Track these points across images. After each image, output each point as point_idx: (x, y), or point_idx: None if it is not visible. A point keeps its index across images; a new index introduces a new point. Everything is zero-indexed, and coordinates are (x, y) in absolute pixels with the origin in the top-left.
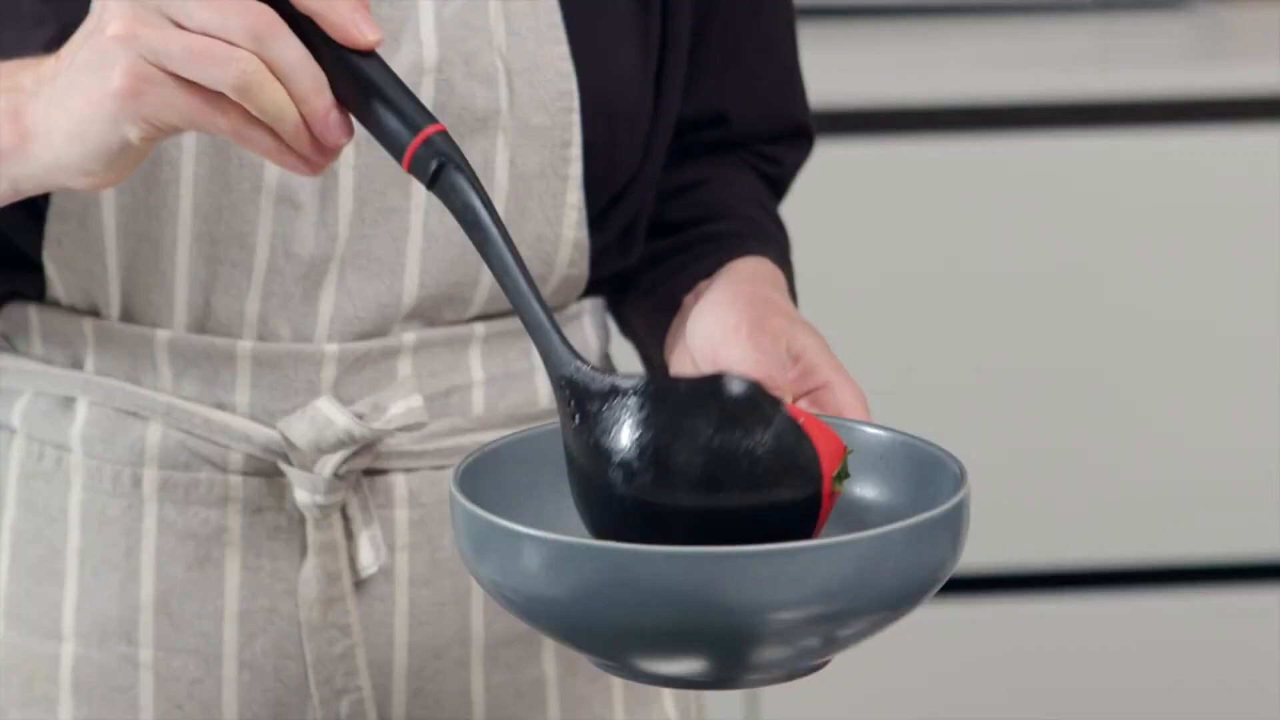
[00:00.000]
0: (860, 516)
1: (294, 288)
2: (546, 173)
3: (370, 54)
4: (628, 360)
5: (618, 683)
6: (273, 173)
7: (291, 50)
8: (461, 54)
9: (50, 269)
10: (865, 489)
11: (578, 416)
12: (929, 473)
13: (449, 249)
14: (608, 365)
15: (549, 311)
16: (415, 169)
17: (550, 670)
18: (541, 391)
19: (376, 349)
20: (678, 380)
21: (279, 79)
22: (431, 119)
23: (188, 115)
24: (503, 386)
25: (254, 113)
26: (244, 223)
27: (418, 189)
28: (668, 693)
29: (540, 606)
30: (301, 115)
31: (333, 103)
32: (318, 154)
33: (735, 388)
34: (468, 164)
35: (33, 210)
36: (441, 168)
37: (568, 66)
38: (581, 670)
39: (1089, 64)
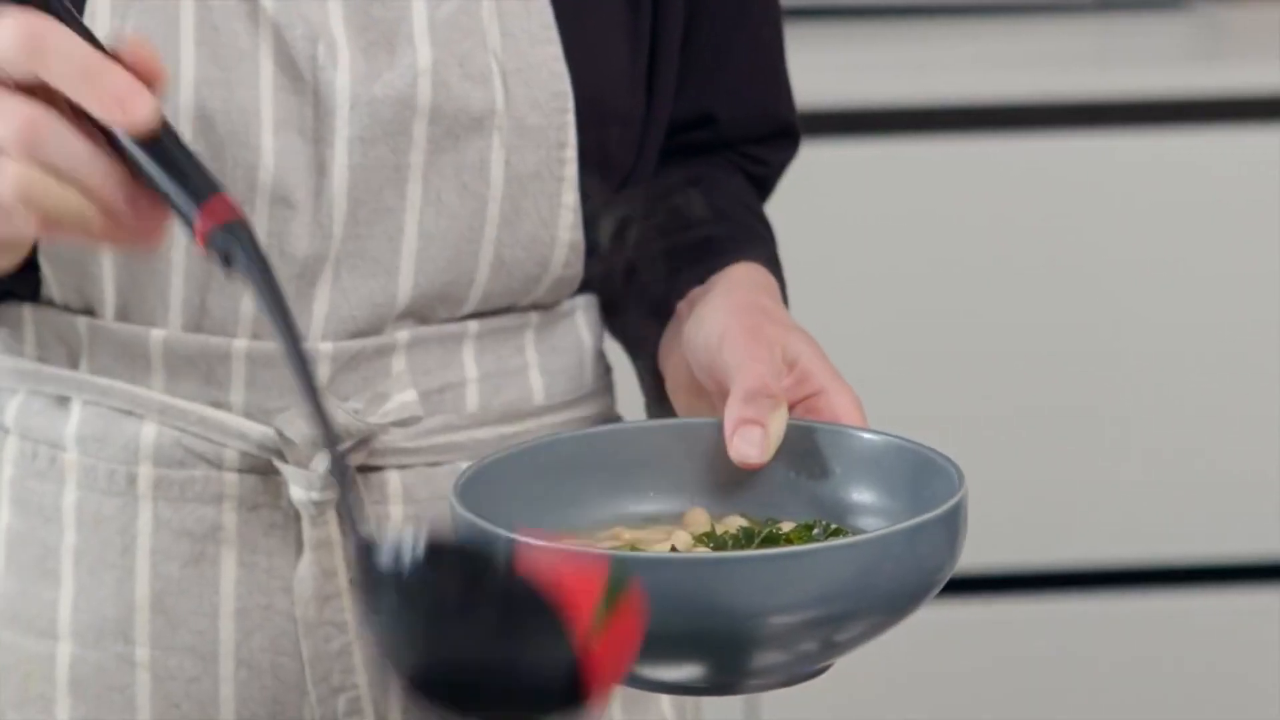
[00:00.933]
0: (858, 521)
1: (288, 287)
2: (542, 173)
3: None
4: (622, 360)
5: None
6: (267, 173)
7: (69, 146)
8: (456, 55)
9: (45, 268)
10: (863, 494)
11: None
12: (925, 476)
13: (444, 249)
14: (602, 363)
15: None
16: (210, 251)
17: None
18: (535, 389)
19: (370, 347)
20: (424, 561)
21: (66, 179)
22: (214, 193)
23: None
24: (496, 384)
25: (49, 219)
26: None
27: (413, 188)
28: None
29: None
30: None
31: (129, 191)
32: (145, 235)
33: (466, 564)
34: (253, 239)
35: None
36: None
37: (561, 67)
38: None
39: (1088, 64)
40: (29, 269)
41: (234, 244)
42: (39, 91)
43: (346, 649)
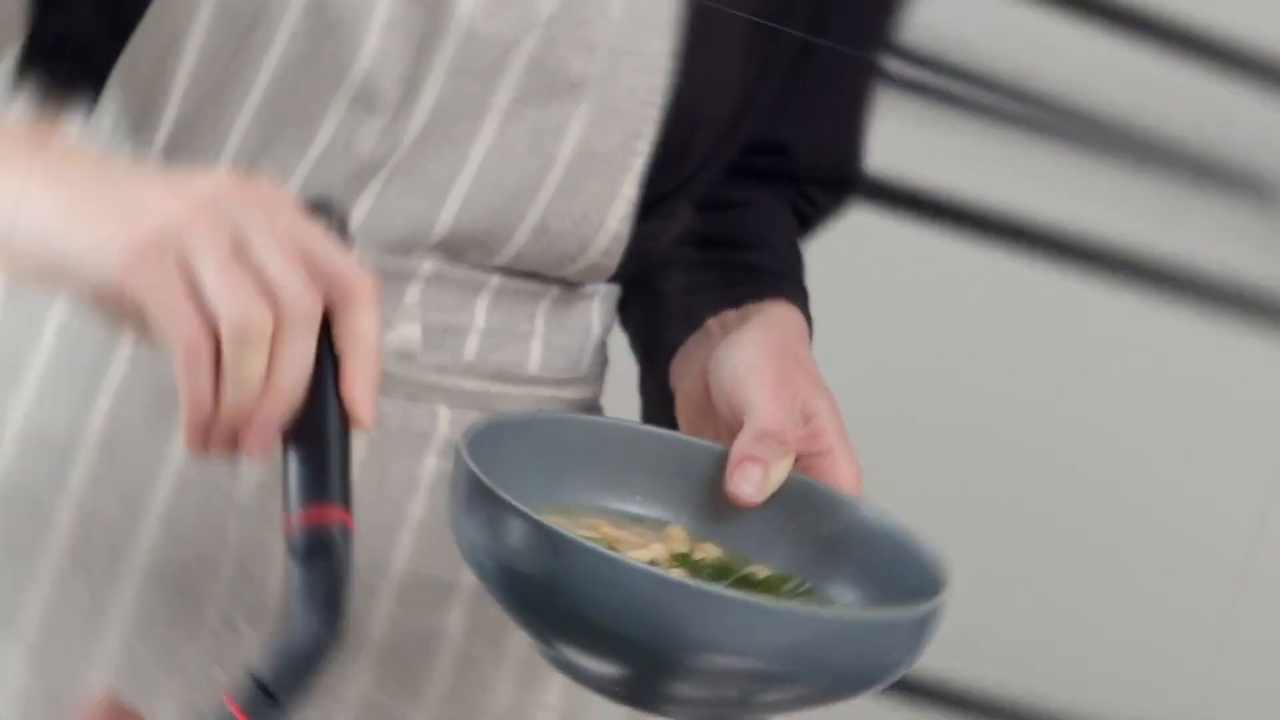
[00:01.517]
0: (831, 588)
1: (338, 181)
2: (613, 158)
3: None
4: (620, 360)
5: (512, 656)
6: (360, 70)
7: (304, 352)
8: (575, 16)
9: (113, 87)
10: (843, 564)
11: None
12: (911, 566)
13: (496, 195)
14: (601, 353)
15: None
16: (293, 537)
17: (454, 626)
18: (532, 357)
19: (392, 267)
20: None
21: (271, 360)
22: (345, 506)
23: (164, 306)
24: (498, 340)
25: (226, 361)
26: (316, 105)
27: (488, 127)
28: (558, 679)
29: (510, 579)
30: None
31: (283, 421)
32: (224, 444)
33: None
34: (348, 569)
35: (120, 21)
36: (317, 554)
37: (665, 63)
38: (483, 635)
39: (1156, 221)
40: (91, 85)
41: (328, 545)
42: None
43: (270, 545)
